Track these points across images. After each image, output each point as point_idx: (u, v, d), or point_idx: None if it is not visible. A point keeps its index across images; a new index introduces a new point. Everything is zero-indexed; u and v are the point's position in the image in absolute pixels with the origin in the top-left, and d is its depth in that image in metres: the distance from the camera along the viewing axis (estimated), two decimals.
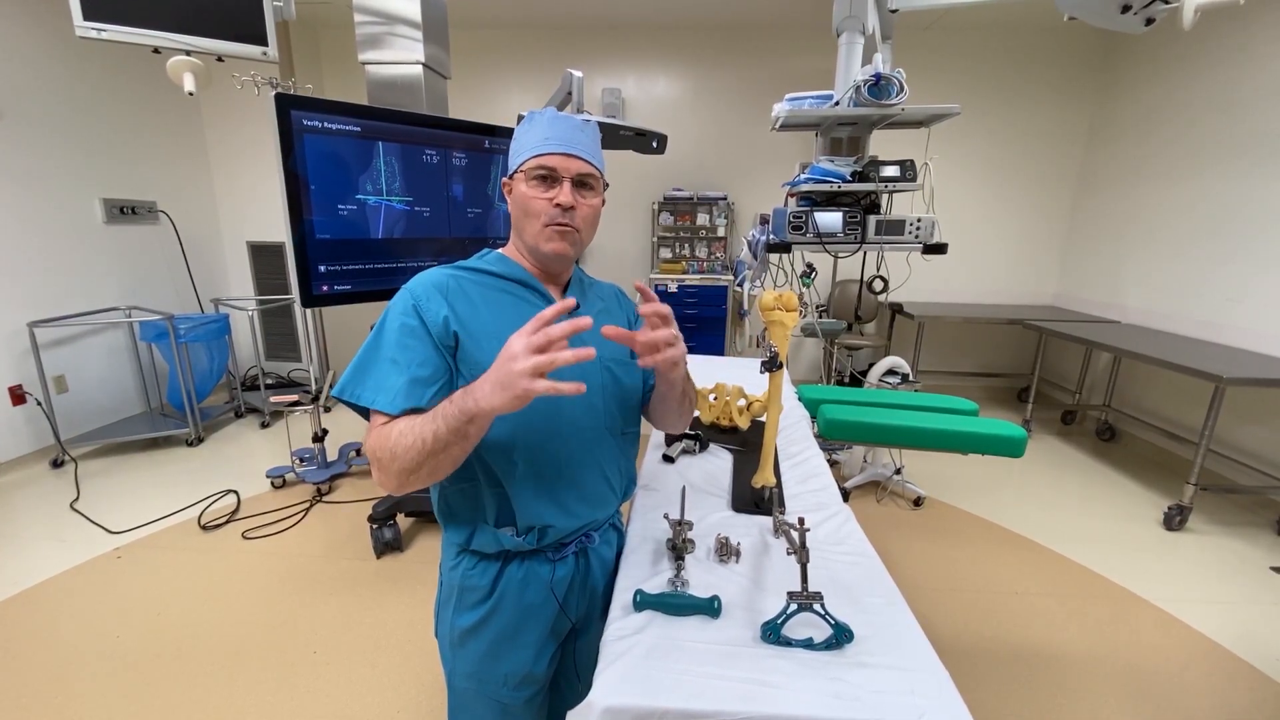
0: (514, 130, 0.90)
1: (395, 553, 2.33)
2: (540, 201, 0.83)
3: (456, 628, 0.91)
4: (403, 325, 0.79)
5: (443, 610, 0.94)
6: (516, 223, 0.89)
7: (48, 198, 3.15)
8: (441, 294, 0.82)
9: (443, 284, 0.84)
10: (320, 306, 2.61)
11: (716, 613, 0.85)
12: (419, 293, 0.82)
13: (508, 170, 0.90)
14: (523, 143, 0.86)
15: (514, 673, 0.91)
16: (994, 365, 4.65)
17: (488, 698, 0.92)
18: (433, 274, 0.85)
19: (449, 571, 0.93)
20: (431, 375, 0.79)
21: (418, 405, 0.76)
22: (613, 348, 0.92)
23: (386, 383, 0.77)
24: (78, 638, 1.86)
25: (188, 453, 3.29)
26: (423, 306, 0.81)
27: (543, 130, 0.84)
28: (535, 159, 0.83)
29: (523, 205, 0.85)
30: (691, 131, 4.36)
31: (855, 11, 2.32)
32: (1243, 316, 2.99)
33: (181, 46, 2.01)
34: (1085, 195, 4.22)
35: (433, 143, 2.20)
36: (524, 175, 0.84)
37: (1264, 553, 2.40)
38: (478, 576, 0.89)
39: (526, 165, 0.84)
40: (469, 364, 0.81)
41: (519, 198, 0.86)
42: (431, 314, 0.80)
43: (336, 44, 4.26)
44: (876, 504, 2.77)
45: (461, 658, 0.92)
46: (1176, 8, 1.61)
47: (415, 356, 0.78)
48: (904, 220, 2.41)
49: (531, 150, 0.83)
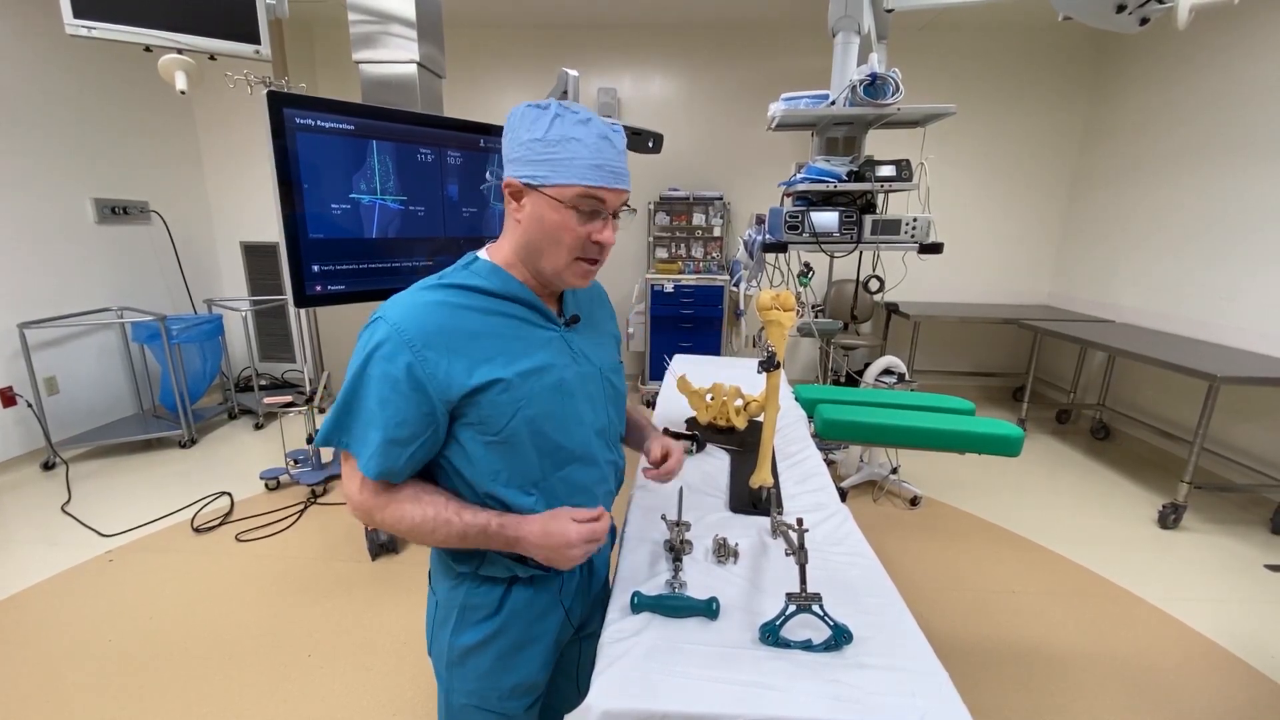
0: (524, 120, 0.73)
1: (390, 555, 2.32)
2: (578, 235, 0.74)
3: (457, 646, 0.86)
4: (385, 375, 0.71)
5: (439, 630, 0.89)
6: (534, 244, 0.76)
7: (38, 198, 3.12)
8: (438, 340, 0.72)
9: (437, 324, 0.73)
10: (314, 306, 2.59)
11: (715, 614, 0.84)
12: (412, 339, 0.71)
13: (520, 175, 0.73)
14: (560, 157, 0.71)
15: (518, 685, 0.88)
16: (989, 365, 4.66)
17: (489, 712, 0.89)
18: (420, 309, 0.73)
19: (449, 591, 0.87)
20: (409, 437, 0.73)
21: (390, 469, 0.73)
22: (608, 356, 0.92)
23: (365, 436, 0.73)
24: (69, 642, 1.84)
25: (180, 455, 3.26)
26: (419, 360, 0.71)
27: (591, 153, 0.71)
28: (584, 190, 0.72)
29: (553, 233, 0.74)
30: (687, 131, 4.35)
31: (851, 11, 2.32)
32: (1236, 315, 3.01)
33: (173, 45, 1.99)
34: (1080, 195, 4.24)
35: (427, 142, 2.18)
36: (558, 201, 0.72)
37: (1258, 550, 2.41)
38: (483, 595, 0.85)
39: (571, 195, 0.72)
40: (486, 408, 0.75)
41: (549, 225, 0.73)
42: (430, 369, 0.71)
43: (330, 43, 4.23)
44: (873, 504, 2.77)
45: (461, 676, 0.88)
46: (1171, 8, 1.61)
47: (394, 415, 0.72)
48: (900, 220, 2.41)
49: (578, 177, 0.71)
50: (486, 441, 0.76)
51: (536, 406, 0.77)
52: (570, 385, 0.81)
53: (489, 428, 0.76)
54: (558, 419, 0.80)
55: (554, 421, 0.79)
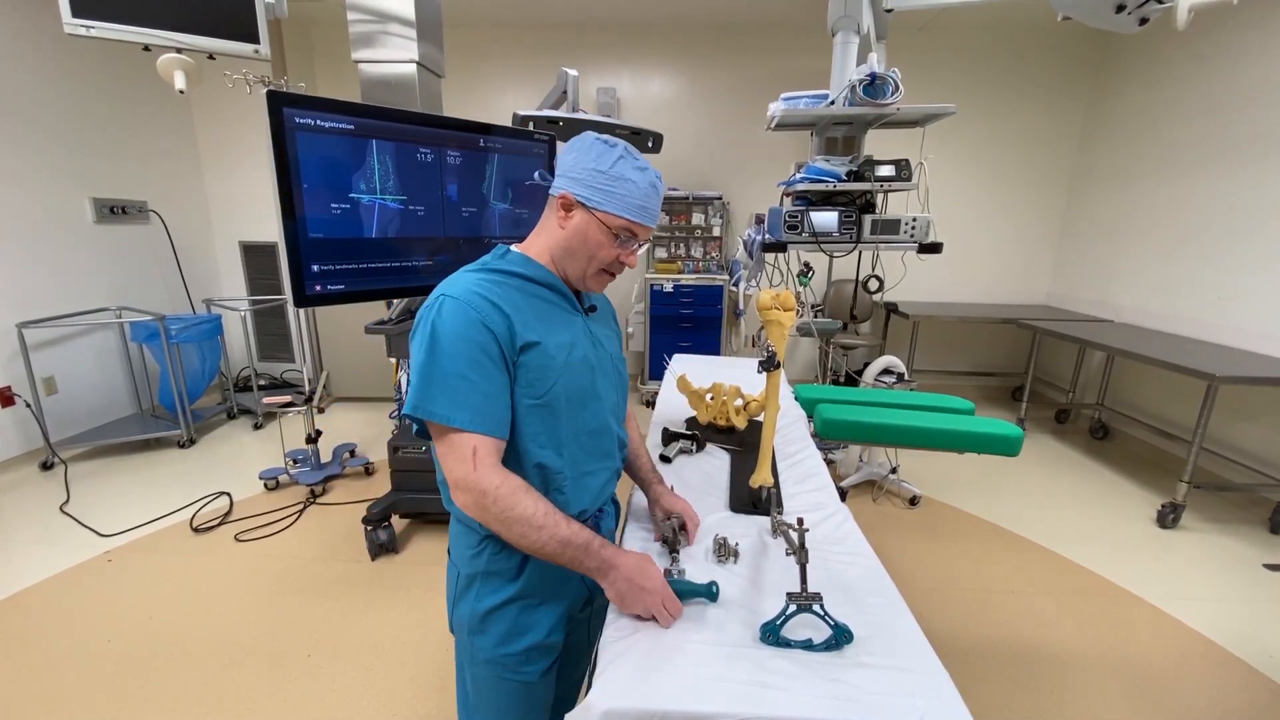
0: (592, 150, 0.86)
1: (390, 555, 2.31)
2: (611, 254, 0.88)
3: (478, 611, 0.91)
4: (467, 338, 0.79)
5: (460, 600, 0.94)
6: (572, 249, 0.89)
7: (37, 197, 3.11)
8: (495, 304, 0.82)
9: (490, 292, 0.83)
10: (314, 306, 2.59)
11: (714, 597, 0.86)
12: (476, 305, 0.80)
13: (578, 193, 0.85)
14: (616, 191, 0.84)
15: (535, 646, 0.92)
16: (988, 364, 4.67)
17: (508, 680, 0.93)
18: (473, 282, 0.83)
19: (470, 560, 0.92)
20: (498, 391, 0.81)
21: (496, 421, 0.80)
22: (615, 346, 1.04)
23: (460, 398, 0.78)
24: (68, 642, 1.84)
25: (179, 454, 3.26)
26: (488, 320, 0.80)
27: (642, 197, 0.86)
28: (629, 224, 0.86)
29: (592, 248, 0.88)
30: (687, 131, 4.35)
31: (850, 11, 2.32)
32: (1235, 315, 3.01)
33: (172, 44, 1.98)
34: (1079, 195, 4.24)
35: (427, 141, 2.18)
36: (605, 225, 0.86)
37: (1257, 550, 2.42)
38: (504, 559, 0.90)
39: (617, 224, 0.86)
40: (534, 370, 0.84)
41: (591, 240, 0.87)
42: (498, 327, 0.80)
43: (329, 42, 4.22)
44: (872, 503, 2.78)
45: (481, 643, 0.92)
46: (1170, 8, 1.62)
47: (485, 372, 0.79)
48: (899, 220, 2.41)
49: (626, 212, 0.85)
50: (530, 404, 0.85)
51: (572, 377, 0.88)
52: (592, 364, 0.93)
53: (534, 390, 0.84)
54: (587, 391, 0.91)
55: (581, 393, 0.90)
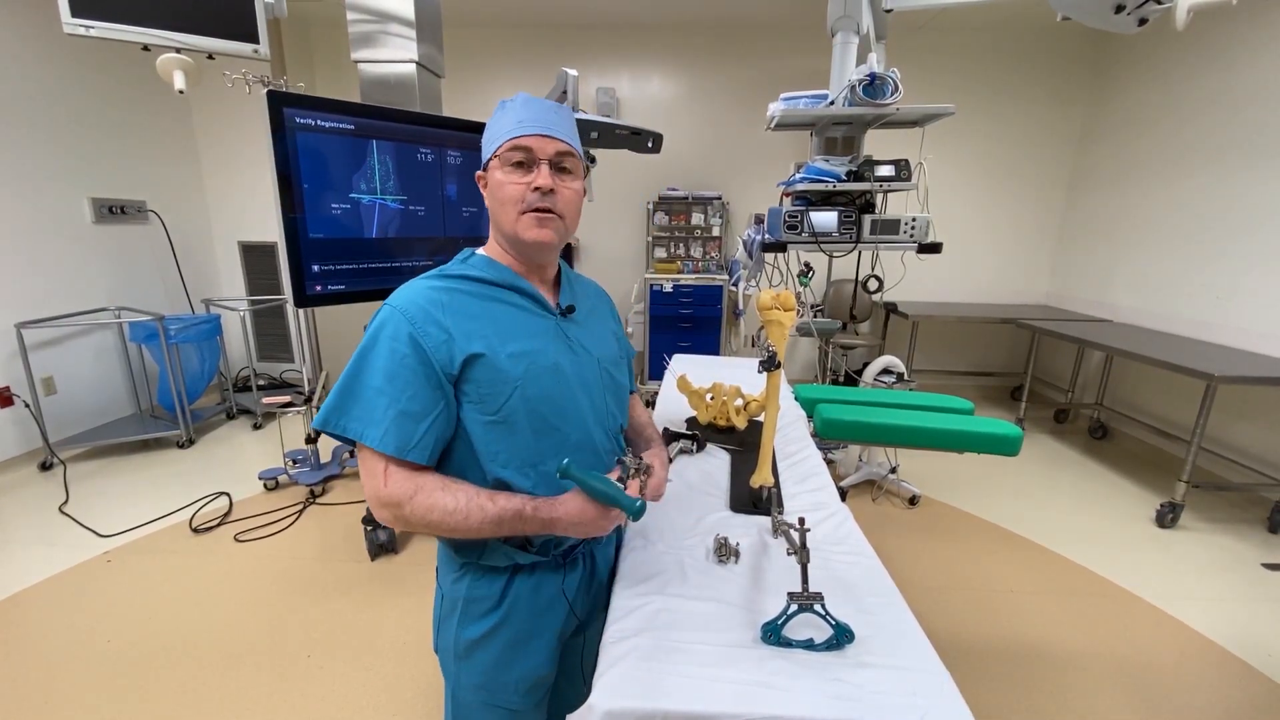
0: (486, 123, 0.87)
1: (389, 555, 2.31)
2: (517, 187, 0.80)
3: (462, 640, 0.88)
4: (392, 352, 0.74)
5: (444, 624, 0.91)
6: (494, 215, 0.84)
7: (35, 197, 3.11)
8: (437, 316, 0.76)
9: (436, 302, 0.77)
10: (314, 306, 2.58)
11: (636, 515, 0.77)
12: (413, 316, 0.75)
13: (483, 163, 0.86)
14: (495, 130, 0.82)
15: (525, 678, 0.89)
16: (987, 364, 4.67)
17: (496, 707, 0.90)
18: (420, 291, 0.78)
19: (452, 584, 0.89)
20: (421, 410, 0.75)
21: (407, 443, 0.74)
22: (607, 349, 0.95)
23: (374, 415, 0.74)
24: (67, 643, 1.83)
25: (179, 455, 3.25)
26: (420, 333, 0.75)
27: (516, 114, 0.81)
28: (509, 142, 0.80)
29: (499, 193, 0.81)
30: (686, 131, 4.35)
31: (850, 11, 2.32)
32: (1233, 315, 3.01)
33: (171, 44, 1.98)
34: (1078, 195, 4.24)
35: (427, 141, 2.18)
36: (499, 161, 0.81)
37: (1256, 549, 2.42)
38: (485, 587, 0.86)
39: (501, 150, 0.80)
40: (485, 384, 0.77)
41: (494, 186, 0.82)
42: (432, 341, 0.75)
43: (329, 42, 4.22)
44: (872, 503, 2.78)
45: (467, 670, 0.89)
46: (1170, 8, 1.62)
47: (405, 389, 0.74)
48: (899, 220, 2.41)
49: (505, 134, 0.80)
50: (486, 421, 0.79)
51: (533, 388, 0.80)
52: (566, 371, 0.84)
53: (488, 406, 0.78)
54: (554, 402, 0.82)
55: (550, 404, 0.82)
